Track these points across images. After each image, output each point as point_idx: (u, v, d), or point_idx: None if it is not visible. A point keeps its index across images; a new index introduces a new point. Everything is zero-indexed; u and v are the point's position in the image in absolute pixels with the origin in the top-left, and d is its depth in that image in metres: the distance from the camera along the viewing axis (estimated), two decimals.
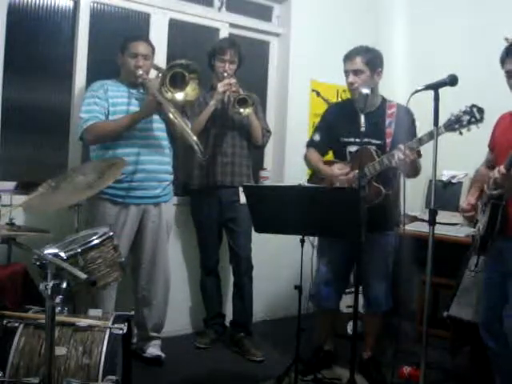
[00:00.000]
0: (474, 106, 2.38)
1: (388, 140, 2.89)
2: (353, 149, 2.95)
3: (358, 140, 2.90)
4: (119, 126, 2.88)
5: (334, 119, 3.10)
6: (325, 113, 3.24)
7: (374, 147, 2.85)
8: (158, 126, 3.04)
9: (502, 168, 2.13)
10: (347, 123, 2.97)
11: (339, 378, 2.94)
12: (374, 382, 2.96)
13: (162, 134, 3.07)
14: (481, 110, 2.37)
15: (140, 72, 2.93)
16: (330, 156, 3.20)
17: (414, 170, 2.82)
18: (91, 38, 3.35)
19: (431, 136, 2.60)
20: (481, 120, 2.38)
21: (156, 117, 3.02)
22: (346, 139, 2.98)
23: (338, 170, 2.92)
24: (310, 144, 3.18)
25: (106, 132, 2.88)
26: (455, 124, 2.41)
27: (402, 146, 2.68)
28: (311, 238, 2.72)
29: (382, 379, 2.95)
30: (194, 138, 2.83)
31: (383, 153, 2.83)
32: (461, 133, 2.42)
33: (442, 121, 2.38)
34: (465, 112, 2.39)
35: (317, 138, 3.14)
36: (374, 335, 3.10)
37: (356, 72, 2.88)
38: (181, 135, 2.95)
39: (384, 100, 3.00)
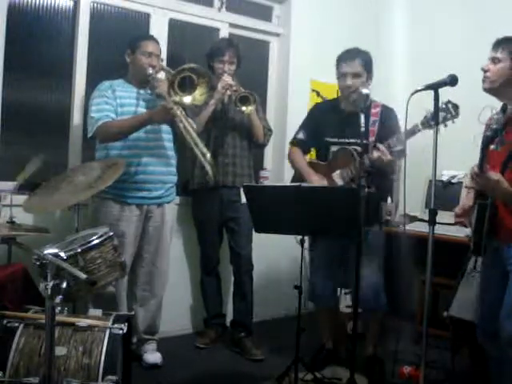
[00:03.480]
0: (449, 102, 2.42)
1: (371, 139, 2.90)
2: (336, 149, 2.98)
3: (341, 140, 2.95)
4: (129, 126, 2.87)
5: (320, 118, 3.10)
6: (311, 111, 3.24)
7: (356, 147, 2.84)
8: (163, 127, 3.03)
9: (475, 168, 2.13)
10: (333, 123, 2.99)
11: (339, 378, 2.93)
12: (374, 380, 2.95)
13: (167, 135, 3.06)
14: (455, 106, 2.42)
15: (151, 71, 2.94)
16: (312, 155, 3.23)
17: (391, 170, 2.82)
18: (91, 38, 3.35)
19: (409, 134, 2.61)
20: (456, 116, 2.42)
21: None
22: (330, 139, 3.00)
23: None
24: (294, 142, 3.18)
25: (118, 131, 2.87)
26: (431, 121, 2.43)
27: (379, 145, 2.69)
28: (298, 238, 2.71)
29: (382, 378, 2.95)
30: (208, 155, 2.81)
31: (367, 152, 2.83)
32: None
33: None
34: (440, 109, 2.41)
35: (301, 136, 3.15)
36: (372, 334, 3.09)
37: (355, 75, 2.87)
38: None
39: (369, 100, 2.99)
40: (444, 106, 2.42)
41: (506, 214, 2.25)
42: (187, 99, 2.85)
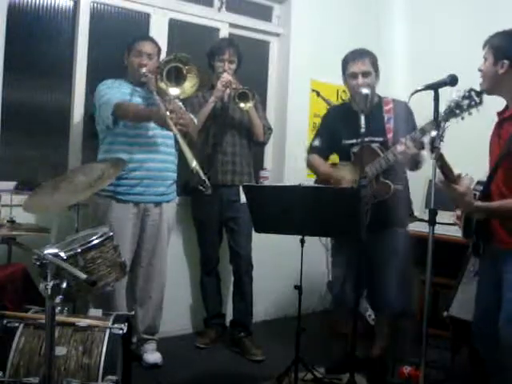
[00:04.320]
0: (472, 89, 2.37)
1: (389, 136, 2.89)
2: (356, 150, 2.92)
3: (359, 140, 2.90)
4: (139, 115, 2.85)
5: (334, 123, 3.07)
6: (324, 117, 3.22)
7: (377, 144, 2.85)
8: None
9: (441, 176, 2.13)
10: (348, 125, 2.94)
11: (339, 378, 2.94)
12: (374, 381, 2.95)
13: (167, 132, 3.05)
14: (479, 93, 2.35)
15: (143, 70, 2.94)
16: (335, 158, 3.19)
17: (416, 163, 2.80)
18: (91, 38, 3.35)
19: (433, 125, 2.59)
20: (480, 103, 2.35)
21: None
22: (348, 141, 2.96)
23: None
24: (311, 150, 3.15)
25: (133, 111, 2.86)
26: (456, 109, 2.36)
27: (403, 139, 2.68)
28: (323, 239, 2.71)
29: (383, 381, 2.96)
30: (194, 163, 2.75)
31: (387, 149, 2.83)
32: (462, 118, 2.37)
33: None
34: (463, 97, 2.35)
35: (317, 143, 3.11)
36: (384, 336, 3.06)
37: (365, 74, 2.86)
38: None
39: (380, 98, 3.00)
40: (467, 94, 2.37)
41: (497, 222, 2.24)
42: (175, 91, 2.86)
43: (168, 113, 2.73)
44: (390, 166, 2.78)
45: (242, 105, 3.24)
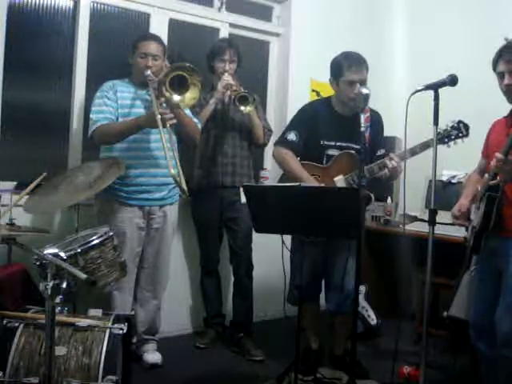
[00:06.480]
0: (460, 122, 2.56)
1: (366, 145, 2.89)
2: (333, 152, 2.91)
3: (338, 144, 2.91)
4: (120, 131, 2.86)
5: (313, 120, 2.97)
6: (304, 111, 3.05)
7: (353, 152, 2.85)
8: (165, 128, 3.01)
9: (498, 154, 2.12)
10: (328, 126, 2.92)
11: (339, 378, 2.94)
12: (358, 375, 2.91)
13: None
14: (466, 126, 2.57)
15: (148, 72, 2.91)
16: None
17: (394, 179, 2.84)
18: (91, 38, 3.35)
19: (423, 148, 2.69)
20: (466, 135, 2.58)
21: None
22: (326, 142, 2.92)
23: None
24: (284, 143, 2.98)
25: (113, 134, 2.86)
26: (445, 138, 2.58)
27: (394, 157, 2.72)
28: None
29: (365, 372, 2.96)
30: (173, 171, 2.74)
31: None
32: (448, 145, 2.59)
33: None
34: (452, 127, 2.57)
35: (293, 137, 2.95)
36: (347, 333, 3.01)
37: (363, 82, 2.82)
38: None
39: None
40: (456, 125, 2.57)
41: (508, 211, 2.25)
42: (176, 98, 2.85)
43: (159, 116, 2.71)
44: (373, 177, 2.79)
45: (241, 108, 3.24)
